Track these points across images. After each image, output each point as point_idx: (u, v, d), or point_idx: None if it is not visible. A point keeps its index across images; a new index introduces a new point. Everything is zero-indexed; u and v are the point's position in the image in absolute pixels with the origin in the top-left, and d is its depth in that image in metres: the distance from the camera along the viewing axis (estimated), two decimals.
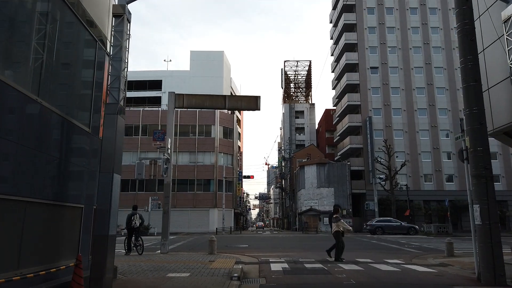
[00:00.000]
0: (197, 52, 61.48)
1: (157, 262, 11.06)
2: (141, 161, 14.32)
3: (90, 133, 7.17)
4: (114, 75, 7.13)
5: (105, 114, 6.89)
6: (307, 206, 44.80)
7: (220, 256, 12.75)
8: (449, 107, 46.52)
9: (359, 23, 49.02)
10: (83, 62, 7.21)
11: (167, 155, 13.83)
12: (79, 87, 7.11)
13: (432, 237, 27.25)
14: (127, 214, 14.04)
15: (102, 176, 6.63)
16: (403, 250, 16.74)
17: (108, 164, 6.64)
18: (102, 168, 6.66)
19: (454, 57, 47.68)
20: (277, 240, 24.32)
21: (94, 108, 7.27)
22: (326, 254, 12.46)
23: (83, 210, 6.89)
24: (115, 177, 6.64)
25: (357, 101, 47.23)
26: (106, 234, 6.48)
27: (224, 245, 19.15)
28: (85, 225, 6.94)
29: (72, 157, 6.63)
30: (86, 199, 7.02)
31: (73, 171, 6.68)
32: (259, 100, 14.80)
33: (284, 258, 12.26)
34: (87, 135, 7.10)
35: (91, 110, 7.17)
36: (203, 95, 15.20)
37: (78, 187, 6.87)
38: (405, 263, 11.32)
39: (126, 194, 42.90)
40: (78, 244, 6.75)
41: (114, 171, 6.64)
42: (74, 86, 6.96)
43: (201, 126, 46.35)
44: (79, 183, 6.93)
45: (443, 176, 44.97)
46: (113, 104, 6.95)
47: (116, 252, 15.02)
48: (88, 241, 7.01)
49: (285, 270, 9.65)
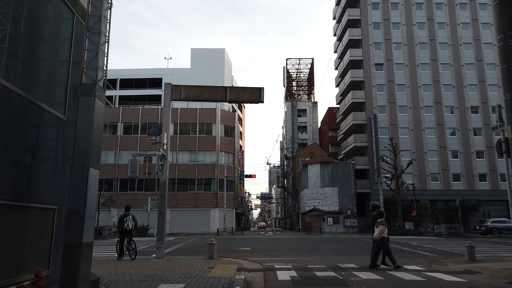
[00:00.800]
0: (198, 50, 60.41)
1: (150, 269, 9.93)
2: (135, 157, 13.18)
3: (65, 121, 6.03)
4: (92, 50, 5.98)
5: (80, 97, 5.74)
6: (311, 206, 43.65)
7: (221, 262, 11.62)
8: (456, 104, 45.30)
9: (363, 19, 47.81)
10: (58, 36, 6.06)
11: (162, 151, 12.68)
12: (53, 65, 5.97)
13: (443, 238, 26.07)
14: (119, 215, 12.91)
15: (75, 171, 5.49)
16: (417, 253, 15.58)
17: (83, 156, 5.52)
18: (75, 161, 5.53)
19: (461, 53, 46.53)
20: (281, 242, 23.17)
21: (71, 92, 6.13)
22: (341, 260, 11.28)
23: (55, 212, 5.75)
24: (91, 172, 5.51)
25: (361, 99, 46.04)
26: (79, 241, 5.35)
27: (225, 248, 18.02)
28: (59, 230, 5.81)
29: (42, 150, 5.50)
30: (59, 200, 5.88)
31: (44, 166, 5.55)
32: (263, 92, 13.65)
33: (291, 264, 11.10)
34: (62, 124, 5.96)
35: (67, 94, 6.02)
36: (202, 86, 14.05)
37: (49, 185, 5.73)
38: (425, 270, 10.18)
39: (126, 194, 41.94)
40: (49, 253, 5.62)
41: (90, 165, 5.51)
42: (46, 64, 5.83)
43: (201, 124, 45.24)
44: (51, 181, 5.79)
45: (450, 175, 43.75)
46: (89, 85, 5.80)
47: (107, 257, 13.99)
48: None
49: (294, 279, 8.49)
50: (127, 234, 12.62)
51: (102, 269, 9.56)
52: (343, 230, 41.59)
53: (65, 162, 6.02)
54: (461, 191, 42.08)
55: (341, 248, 18.32)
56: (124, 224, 12.59)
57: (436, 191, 43.06)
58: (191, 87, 13.98)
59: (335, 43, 57.13)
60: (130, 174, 13.03)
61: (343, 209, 42.49)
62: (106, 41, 6.13)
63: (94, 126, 5.68)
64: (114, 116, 45.14)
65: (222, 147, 45.16)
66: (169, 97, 13.44)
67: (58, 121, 5.86)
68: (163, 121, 13.57)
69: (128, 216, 12.69)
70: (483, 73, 46.07)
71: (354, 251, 16.47)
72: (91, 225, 5.57)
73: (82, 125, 5.65)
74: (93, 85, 5.77)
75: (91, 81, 5.83)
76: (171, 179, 42.43)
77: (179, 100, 13.66)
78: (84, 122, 5.65)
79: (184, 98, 13.66)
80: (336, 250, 17.07)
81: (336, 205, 42.72)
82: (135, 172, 13.03)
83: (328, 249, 17.37)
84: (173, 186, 42.90)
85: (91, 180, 5.49)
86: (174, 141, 43.04)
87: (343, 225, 41.96)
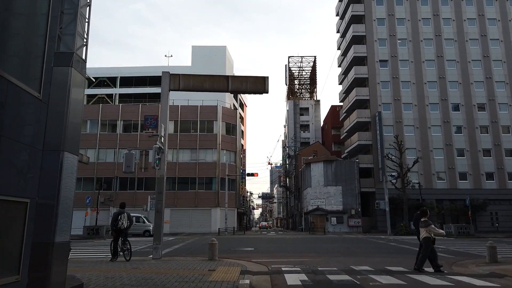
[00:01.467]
0: (199, 47, 59.57)
1: (145, 272, 9.01)
2: (130, 151, 12.28)
3: (41, 100, 5.11)
4: (69, 13, 5.06)
5: (54, 67, 4.81)
6: (314, 205, 42.72)
7: (222, 263, 10.70)
8: (462, 101, 44.28)
9: (367, 14, 46.83)
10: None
11: (159, 143, 11.77)
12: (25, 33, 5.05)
13: (453, 238, 25.11)
14: (113, 213, 12.02)
15: (47, 156, 4.57)
16: None
17: (56, 138, 4.58)
18: (46, 144, 4.60)
19: (467, 50, 45.54)
20: (285, 242, 22.23)
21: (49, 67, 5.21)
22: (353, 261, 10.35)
23: (28, 206, 4.83)
24: (66, 157, 4.59)
25: (365, 96, 45.04)
26: (50, 241, 4.43)
27: (227, 248, 17.10)
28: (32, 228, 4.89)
29: (10, 132, 4.59)
30: (34, 192, 4.96)
31: (13, 151, 4.64)
32: (267, 81, 12.73)
33: (300, 266, 10.16)
34: (36, 103, 5.05)
35: (43, 67, 5.09)
36: (202, 75, 13.12)
37: (20, 175, 4.81)
38: (448, 273, 9.25)
39: (125, 193, 41.07)
40: (19, 255, 4.70)
41: (66, 149, 4.59)
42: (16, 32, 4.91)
43: (202, 122, 44.32)
44: (22, 169, 4.87)
45: (456, 174, 42.73)
46: (65, 53, 4.88)
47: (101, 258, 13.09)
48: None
49: (305, 284, 7.56)
50: (121, 233, 11.72)
51: (91, 272, 8.66)
52: (347, 230, 40.66)
53: (38, 147, 5.10)
54: (467, 190, 41.07)
55: (350, 248, 17.39)
56: (119, 222, 11.68)
57: (442, 190, 42.07)
58: (190, 76, 13.05)
59: (338, 39, 56.15)
60: (125, 169, 12.13)
61: (347, 208, 41.55)
62: (88, 3, 5.22)
63: (72, 102, 4.77)
64: (113, 114, 44.31)
65: (223, 145, 44.24)
66: (167, 87, 12.52)
67: (31, 99, 4.94)
68: (161, 112, 12.67)
69: (123, 214, 11.78)
70: (490, 69, 45.06)
71: (364, 252, 15.54)
72: (66, 221, 4.64)
73: (56, 100, 4.73)
74: (70, 54, 4.85)
75: (68, 49, 4.91)
76: (172, 178, 41.58)
77: (178, 90, 12.74)
78: (58, 96, 4.72)
79: (183, 88, 12.74)
80: (344, 250, 16.14)
81: (340, 205, 41.77)
82: (131, 167, 12.13)
83: (335, 250, 16.44)
84: (173, 185, 42.05)
85: (66, 167, 4.58)
86: (175, 139, 42.20)
87: (347, 225, 41.02)
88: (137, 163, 13.04)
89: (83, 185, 42.28)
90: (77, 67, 4.90)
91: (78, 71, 4.94)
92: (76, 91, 4.91)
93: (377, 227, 40.58)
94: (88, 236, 28.06)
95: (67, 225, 4.67)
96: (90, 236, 28.12)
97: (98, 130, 43.67)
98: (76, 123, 4.95)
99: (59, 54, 4.87)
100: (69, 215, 4.68)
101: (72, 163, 4.77)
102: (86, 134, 43.34)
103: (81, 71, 4.99)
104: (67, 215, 4.63)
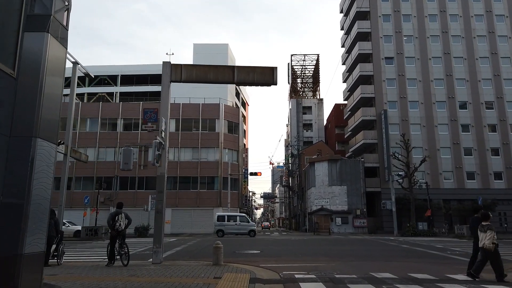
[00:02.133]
0: (200, 45, 58.64)
1: (142, 279, 8.09)
2: (129, 147, 11.38)
3: (15, 78, 4.18)
4: None
5: (25, 32, 3.89)
6: (318, 205, 41.78)
7: (228, 269, 9.79)
8: (470, 99, 43.30)
9: (372, 11, 45.87)
10: None
11: (159, 138, 10.85)
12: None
13: (466, 240, 24.14)
14: (110, 213, 11.12)
15: (14, 143, 3.64)
16: (450, 258, 13.70)
17: (26, 121, 3.66)
18: (14, 129, 3.67)
19: (475, 46, 44.56)
20: (292, 244, 21.29)
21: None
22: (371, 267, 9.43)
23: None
24: (40, 146, 3.67)
25: (371, 94, 44.10)
26: (15, 252, 3.49)
27: (232, 250, 16.18)
28: None
29: None
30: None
31: None
32: (276, 72, 11.82)
33: (314, 273, 9.22)
34: (9, 82, 4.13)
35: (18, 40, 4.17)
36: (205, 66, 12.19)
37: None
38: (479, 281, 8.32)
39: (126, 193, 40.22)
40: None
41: (39, 135, 3.67)
42: None
43: (204, 120, 43.40)
44: None
45: (464, 173, 41.75)
46: (40, 16, 3.95)
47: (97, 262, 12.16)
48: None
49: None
50: (119, 235, 10.81)
51: (83, 280, 7.74)
52: (352, 230, 39.74)
53: (16, 135, 4.18)
54: (475, 190, 40.11)
55: (362, 251, 16.45)
56: (116, 223, 10.77)
57: (449, 190, 41.11)
58: (193, 66, 12.14)
59: (342, 37, 55.20)
60: (123, 166, 11.23)
61: (352, 208, 40.62)
62: None
63: (48, 78, 3.85)
64: (113, 112, 43.46)
65: (226, 144, 43.33)
66: (168, 78, 11.62)
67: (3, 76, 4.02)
68: (161, 105, 11.77)
69: (121, 214, 10.87)
70: (498, 67, 44.06)
71: (378, 255, 14.57)
72: (40, 227, 3.70)
73: (27, 74, 3.80)
74: (46, 17, 3.93)
75: (44, 11, 4.00)
76: (173, 177, 40.71)
77: (180, 81, 11.84)
78: (29, 69, 3.80)
79: (185, 79, 11.84)
80: (357, 254, 15.19)
81: (345, 205, 40.84)
82: (129, 164, 11.23)
83: (347, 253, 15.50)
84: (174, 185, 41.18)
85: (40, 157, 3.65)
86: (176, 137, 41.34)
87: (352, 225, 40.10)
88: (136, 160, 12.15)
89: (82, 184, 41.47)
90: (55, 34, 3.98)
91: (56, 39, 4.03)
92: (55, 64, 3.99)
93: (383, 227, 39.64)
94: (86, 237, 27.19)
95: (41, 231, 3.73)
96: (89, 237, 27.24)
97: (98, 129, 42.83)
98: (55, 103, 4.02)
99: (33, 17, 3.93)
100: (44, 219, 3.74)
101: (48, 152, 3.84)
102: (86, 133, 42.52)
103: (60, 40, 4.08)
104: (41, 218, 3.70)
